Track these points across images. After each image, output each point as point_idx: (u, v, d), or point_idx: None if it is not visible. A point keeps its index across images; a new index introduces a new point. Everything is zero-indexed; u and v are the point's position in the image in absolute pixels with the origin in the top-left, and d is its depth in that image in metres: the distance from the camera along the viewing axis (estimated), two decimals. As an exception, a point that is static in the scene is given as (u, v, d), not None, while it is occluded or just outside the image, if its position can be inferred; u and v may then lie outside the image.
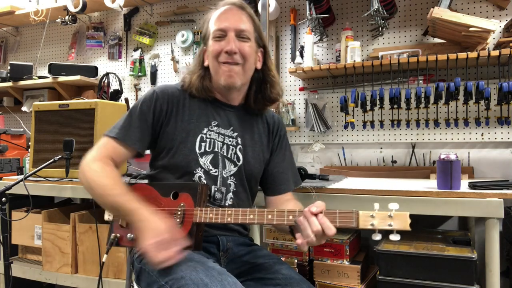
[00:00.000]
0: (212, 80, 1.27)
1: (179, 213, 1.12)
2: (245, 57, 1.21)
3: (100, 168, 1.12)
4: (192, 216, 1.11)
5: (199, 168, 1.21)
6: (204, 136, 1.23)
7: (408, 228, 0.90)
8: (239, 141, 1.28)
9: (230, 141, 1.26)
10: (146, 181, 1.34)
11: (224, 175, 1.24)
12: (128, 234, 1.15)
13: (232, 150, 1.26)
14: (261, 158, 1.32)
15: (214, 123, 1.26)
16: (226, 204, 1.23)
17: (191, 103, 1.26)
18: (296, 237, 1.02)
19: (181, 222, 1.11)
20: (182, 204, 1.13)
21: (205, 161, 1.22)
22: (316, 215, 0.97)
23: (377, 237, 0.92)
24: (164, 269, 1.00)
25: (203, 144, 1.23)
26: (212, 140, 1.24)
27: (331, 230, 0.95)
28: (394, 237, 0.91)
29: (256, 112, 1.34)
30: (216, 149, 1.24)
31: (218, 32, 1.22)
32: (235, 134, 1.28)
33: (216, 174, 1.23)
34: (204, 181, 1.21)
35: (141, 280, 1.14)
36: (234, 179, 1.26)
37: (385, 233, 0.94)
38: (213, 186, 1.22)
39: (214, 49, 1.21)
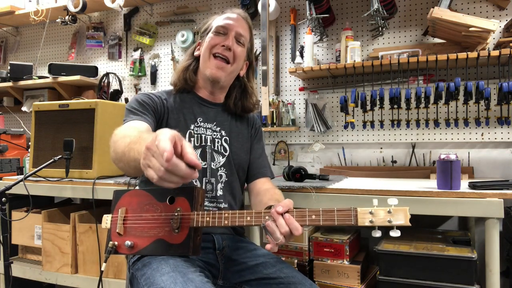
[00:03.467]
0: (197, 72, 1.36)
1: (176, 217, 1.11)
2: (235, 58, 1.31)
3: (128, 125, 1.13)
4: (189, 220, 1.10)
5: None
6: (192, 131, 1.30)
7: (408, 223, 0.88)
8: (223, 133, 1.36)
9: (215, 134, 1.34)
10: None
11: (214, 167, 1.30)
12: (126, 242, 1.13)
13: (218, 142, 1.34)
14: (245, 148, 1.41)
15: (200, 119, 1.34)
16: (218, 194, 1.29)
17: (177, 105, 1.33)
18: (267, 239, 1.02)
19: (178, 227, 1.10)
20: (178, 209, 1.12)
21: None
22: (282, 214, 0.97)
23: (377, 233, 0.90)
24: (148, 277, 1.04)
25: (192, 139, 1.29)
26: (200, 135, 1.31)
27: (297, 230, 0.95)
28: (394, 233, 0.88)
29: (234, 112, 1.42)
30: (203, 143, 1.31)
31: (221, 28, 1.31)
32: (218, 128, 1.36)
33: (206, 166, 1.29)
34: (196, 174, 1.21)
35: (133, 285, 1.15)
36: (224, 169, 1.32)
37: (386, 229, 0.92)
38: (203, 178, 1.28)
39: (212, 41, 1.30)
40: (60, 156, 1.79)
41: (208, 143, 1.31)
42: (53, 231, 2.02)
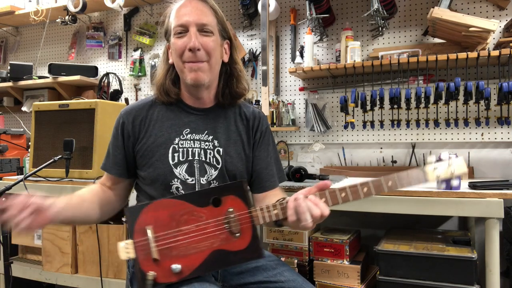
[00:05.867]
0: (179, 80, 1.24)
1: (231, 220, 1.00)
2: (209, 53, 1.16)
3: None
4: (250, 219, 0.99)
5: (175, 179, 1.17)
6: (176, 146, 1.19)
7: (466, 170, 1.01)
8: (216, 144, 1.22)
9: (206, 145, 1.21)
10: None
11: (204, 182, 1.18)
12: (173, 266, 0.97)
13: (210, 153, 1.21)
14: (242, 157, 1.25)
15: (186, 131, 1.22)
16: None
17: (161, 116, 1.23)
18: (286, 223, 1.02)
19: (239, 231, 0.99)
20: (231, 209, 1.00)
21: (180, 171, 1.18)
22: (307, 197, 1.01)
23: (443, 185, 1.04)
24: None
25: (175, 154, 1.18)
26: (185, 149, 1.20)
27: (326, 211, 1.01)
28: (455, 181, 1.07)
29: (226, 107, 1.28)
30: (190, 158, 1.19)
31: (179, 28, 1.16)
32: (211, 137, 1.22)
33: (193, 182, 1.18)
34: (182, 191, 1.17)
35: (133, 285, 1.15)
36: (217, 182, 1.20)
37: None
38: None
39: (177, 47, 1.16)
40: (60, 156, 1.79)
41: (196, 157, 1.19)
42: (53, 231, 2.02)
